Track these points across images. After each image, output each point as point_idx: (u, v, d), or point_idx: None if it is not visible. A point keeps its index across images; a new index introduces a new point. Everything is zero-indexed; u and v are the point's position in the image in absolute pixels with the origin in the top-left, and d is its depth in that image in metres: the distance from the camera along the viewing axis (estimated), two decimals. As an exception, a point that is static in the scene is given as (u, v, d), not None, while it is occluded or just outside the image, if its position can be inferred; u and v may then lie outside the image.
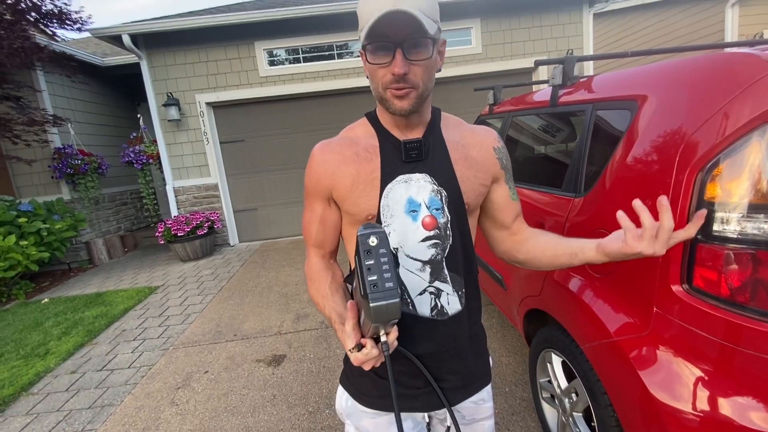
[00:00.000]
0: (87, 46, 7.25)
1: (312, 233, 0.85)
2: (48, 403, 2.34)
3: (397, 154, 0.77)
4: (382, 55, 0.67)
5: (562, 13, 5.40)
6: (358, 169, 0.77)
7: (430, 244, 0.76)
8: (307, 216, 0.86)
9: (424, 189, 0.76)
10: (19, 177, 5.35)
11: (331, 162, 0.78)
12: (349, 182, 0.77)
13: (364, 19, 0.66)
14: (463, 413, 0.87)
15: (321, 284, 0.81)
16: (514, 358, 2.30)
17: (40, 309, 3.93)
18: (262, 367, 2.49)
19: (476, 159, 0.82)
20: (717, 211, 0.86)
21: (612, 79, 1.41)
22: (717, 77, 0.93)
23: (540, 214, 1.60)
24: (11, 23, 4.28)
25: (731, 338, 0.84)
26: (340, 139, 0.81)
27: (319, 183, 0.79)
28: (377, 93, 0.73)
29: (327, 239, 0.85)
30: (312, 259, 0.87)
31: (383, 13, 0.61)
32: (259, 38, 5.24)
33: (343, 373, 0.91)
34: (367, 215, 0.77)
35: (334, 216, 0.83)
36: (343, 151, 0.78)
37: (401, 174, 0.76)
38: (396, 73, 0.66)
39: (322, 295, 0.79)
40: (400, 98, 0.70)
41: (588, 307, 1.22)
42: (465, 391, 0.85)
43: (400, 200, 0.75)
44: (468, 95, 5.47)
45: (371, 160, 0.77)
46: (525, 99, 2.12)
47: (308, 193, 0.83)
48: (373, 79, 0.71)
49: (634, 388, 1.02)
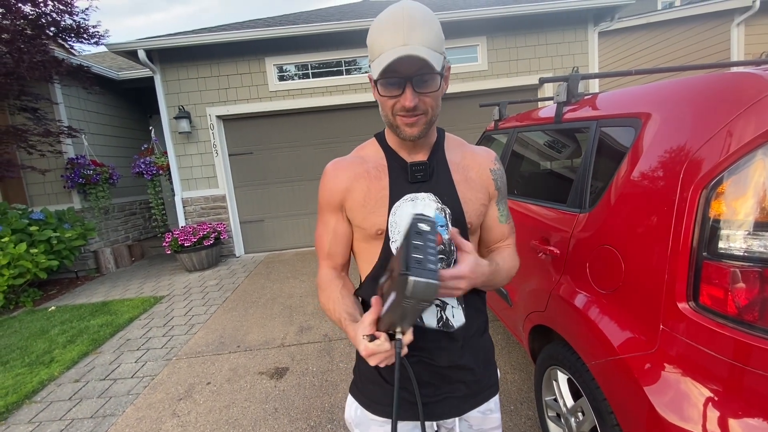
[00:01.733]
0: (103, 60, 7.47)
1: (324, 245, 0.88)
2: (50, 412, 2.34)
3: (404, 175, 0.81)
4: (392, 89, 0.71)
5: (567, 32, 5.48)
6: (369, 186, 0.81)
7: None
8: (320, 229, 0.89)
9: (429, 207, 0.79)
10: (33, 186, 5.46)
11: (344, 177, 0.82)
12: (361, 197, 0.81)
13: (374, 52, 0.70)
14: (470, 422, 0.88)
15: (332, 291, 0.84)
16: (520, 375, 2.26)
17: (46, 317, 3.95)
18: (265, 379, 2.47)
19: (475, 180, 0.85)
20: (722, 229, 0.86)
21: (616, 96, 1.43)
22: (721, 95, 0.94)
23: (545, 229, 1.60)
24: (31, 38, 4.44)
25: (740, 357, 0.83)
26: (351, 158, 0.86)
27: (333, 197, 0.83)
28: (387, 119, 0.77)
29: (339, 251, 0.88)
30: (323, 270, 0.89)
31: (394, 59, 0.65)
32: (270, 54, 5.37)
33: (353, 383, 0.93)
34: (377, 230, 0.80)
35: (346, 229, 0.86)
36: (355, 168, 0.83)
37: (408, 193, 0.80)
38: (407, 107, 0.71)
39: (332, 300, 0.82)
40: (410, 126, 0.74)
41: (594, 324, 1.21)
42: (473, 401, 0.86)
43: (407, 217, 0.77)
44: (474, 111, 5.52)
45: (381, 178, 0.81)
46: (530, 115, 2.14)
47: (321, 207, 0.86)
48: (383, 107, 0.75)
49: (641, 407, 1.00)
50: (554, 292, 1.45)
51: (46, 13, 4.52)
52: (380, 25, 0.69)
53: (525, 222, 1.77)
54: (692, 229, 0.91)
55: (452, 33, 5.32)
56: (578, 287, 1.33)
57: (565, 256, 1.42)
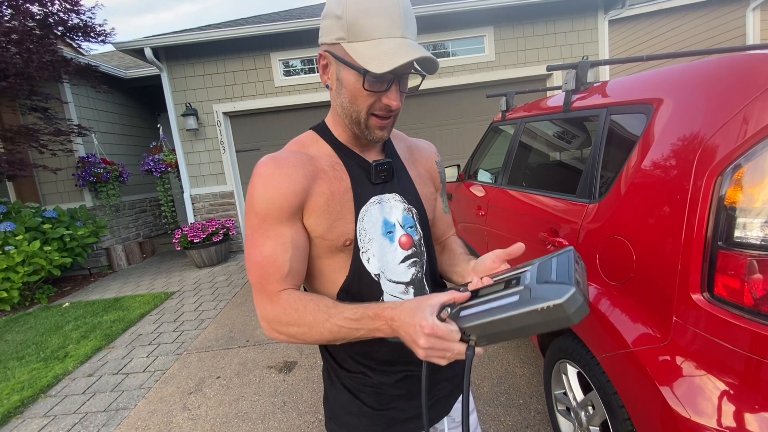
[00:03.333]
0: (111, 59, 7.54)
1: (283, 264, 0.66)
2: (65, 406, 2.39)
3: (365, 175, 0.72)
4: (379, 85, 0.62)
5: (577, 20, 5.36)
6: (331, 188, 0.68)
7: (410, 263, 0.74)
8: (268, 246, 0.65)
9: (397, 208, 0.73)
10: (45, 185, 5.56)
11: (298, 177, 0.66)
12: (323, 201, 0.67)
13: (362, 33, 0.59)
14: (453, 416, 0.86)
15: (316, 301, 0.65)
16: (528, 369, 2.24)
17: (60, 313, 4.03)
18: (274, 373, 2.49)
19: (424, 175, 0.83)
20: (738, 217, 0.83)
21: (626, 83, 1.39)
22: (736, 78, 0.91)
23: (553, 220, 1.57)
24: (40, 38, 4.49)
25: (757, 350, 0.80)
26: (295, 154, 0.69)
27: (287, 201, 0.64)
28: (356, 115, 0.66)
29: (301, 267, 0.69)
30: (285, 295, 0.66)
31: (410, 61, 0.58)
32: (275, 49, 5.35)
33: (330, 420, 0.79)
34: (345, 240, 0.69)
35: (306, 240, 0.69)
36: (306, 166, 0.68)
37: (373, 195, 0.71)
38: (393, 107, 0.64)
39: (325, 306, 0.64)
40: (382, 128, 0.67)
41: (604, 316, 1.18)
42: (456, 393, 0.85)
43: (377, 222, 0.71)
44: (480, 103, 5.46)
45: (341, 179, 0.70)
46: (538, 105, 2.10)
47: (266, 218, 0.65)
48: (356, 101, 0.64)
49: (653, 401, 0.97)
50: (563, 284, 1.43)
51: (53, 12, 4.56)
52: (368, 2, 0.58)
53: (533, 213, 1.74)
54: (707, 218, 0.88)
55: (459, 23, 5.24)
56: (588, 279, 1.30)
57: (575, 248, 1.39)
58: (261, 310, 0.67)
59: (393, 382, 0.75)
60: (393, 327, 0.58)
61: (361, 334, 0.62)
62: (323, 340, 0.64)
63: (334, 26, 0.62)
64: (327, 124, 0.75)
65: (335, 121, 0.73)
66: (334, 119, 0.73)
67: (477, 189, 2.64)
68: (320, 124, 0.75)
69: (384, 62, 0.58)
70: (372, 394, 0.75)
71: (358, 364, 0.75)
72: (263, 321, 0.67)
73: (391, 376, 0.75)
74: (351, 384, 0.76)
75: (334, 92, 0.68)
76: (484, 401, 2.00)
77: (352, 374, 0.75)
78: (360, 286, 0.71)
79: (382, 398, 0.75)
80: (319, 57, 0.68)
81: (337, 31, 0.61)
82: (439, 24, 5.17)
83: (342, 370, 0.76)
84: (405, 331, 0.56)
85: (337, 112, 0.70)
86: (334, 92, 0.68)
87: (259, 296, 0.67)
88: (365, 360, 0.74)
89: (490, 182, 2.56)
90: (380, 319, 0.60)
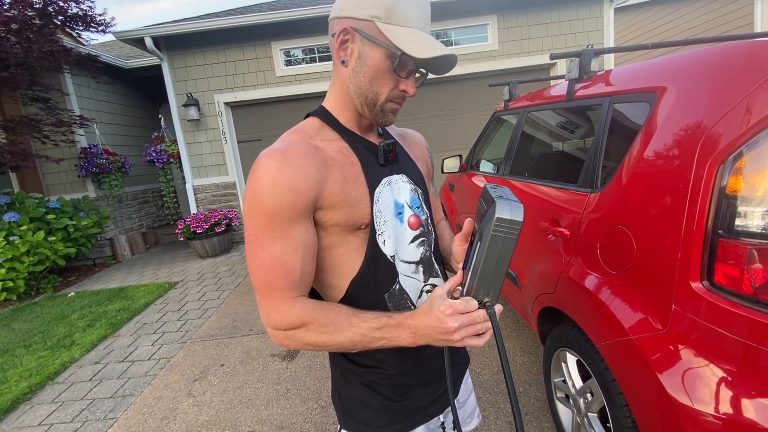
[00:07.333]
0: (112, 49, 7.49)
1: (294, 270, 0.62)
2: (72, 392, 2.43)
3: (373, 157, 0.72)
4: (405, 72, 0.65)
5: (582, 8, 5.28)
6: (344, 174, 0.66)
7: (419, 243, 0.76)
8: (277, 249, 0.61)
9: (405, 189, 0.75)
10: (48, 176, 5.57)
11: (310, 168, 0.62)
12: (339, 189, 0.65)
13: (399, 17, 0.61)
14: (458, 397, 0.90)
15: (336, 310, 0.64)
16: (529, 357, 2.26)
17: (66, 302, 4.08)
18: (277, 361, 2.52)
19: (420, 159, 0.86)
20: (739, 206, 0.83)
21: (630, 71, 1.37)
22: (740, 66, 0.90)
23: (555, 210, 1.57)
24: (40, 27, 4.46)
25: (755, 338, 0.80)
26: (300, 144, 0.65)
27: (300, 197, 0.60)
28: (373, 97, 0.66)
29: (311, 270, 0.66)
30: (297, 304, 0.62)
31: (446, 54, 0.62)
32: (276, 38, 5.31)
33: (344, 416, 0.78)
34: (361, 225, 0.67)
35: (314, 239, 0.66)
36: (315, 154, 0.65)
37: (384, 176, 0.72)
38: (411, 94, 0.68)
39: (346, 314, 0.63)
40: (394, 113, 0.70)
41: (604, 305, 1.19)
42: (460, 380, 0.89)
43: (389, 204, 0.71)
44: (482, 92, 5.41)
45: (352, 163, 0.68)
46: (541, 94, 2.08)
47: (274, 218, 0.60)
48: (380, 85, 0.65)
49: (651, 388, 0.99)
50: (564, 273, 1.43)
51: (53, 1, 4.52)
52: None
53: (534, 203, 1.74)
54: (708, 207, 0.88)
55: (462, 12, 5.17)
56: (588, 268, 1.31)
57: (576, 238, 1.39)
58: (269, 317, 0.63)
59: (408, 371, 0.76)
60: (417, 334, 0.60)
61: (381, 343, 0.62)
62: (342, 348, 0.64)
63: (368, 3, 0.61)
64: (328, 108, 0.72)
65: (341, 102, 0.70)
66: (338, 101, 0.70)
67: (479, 179, 2.63)
68: (321, 109, 0.73)
69: (425, 49, 0.60)
70: (390, 387, 0.75)
71: (374, 360, 0.75)
72: (273, 329, 0.64)
73: (408, 365, 0.76)
74: (369, 379, 0.76)
75: (351, 70, 0.66)
76: (484, 389, 2.03)
77: (369, 369, 0.75)
78: (377, 269, 0.70)
79: (400, 389, 0.76)
80: (341, 31, 0.63)
81: (372, 9, 0.61)
82: (442, 12, 5.10)
83: (358, 367, 0.76)
84: (431, 330, 0.58)
85: (348, 91, 0.68)
86: (350, 70, 0.66)
87: (266, 303, 0.63)
88: (381, 354, 0.74)
89: (492, 172, 2.55)
90: (404, 328, 0.60)
